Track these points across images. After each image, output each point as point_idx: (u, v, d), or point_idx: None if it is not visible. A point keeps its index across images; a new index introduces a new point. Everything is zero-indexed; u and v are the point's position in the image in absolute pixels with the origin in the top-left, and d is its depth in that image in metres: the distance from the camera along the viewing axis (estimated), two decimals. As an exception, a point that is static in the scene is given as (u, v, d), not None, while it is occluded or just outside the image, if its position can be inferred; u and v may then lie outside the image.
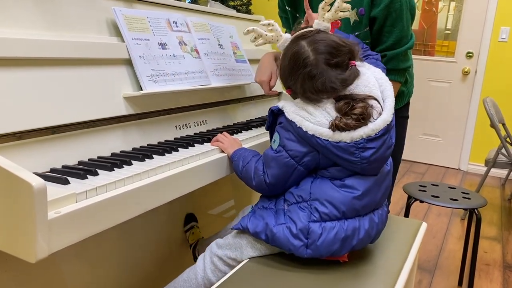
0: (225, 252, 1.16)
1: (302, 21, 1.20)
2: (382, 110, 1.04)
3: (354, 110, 0.99)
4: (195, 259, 1.53)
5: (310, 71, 1.01)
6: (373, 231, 1.07)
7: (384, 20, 1.36)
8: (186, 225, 1.63)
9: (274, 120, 1.09)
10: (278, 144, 1.04)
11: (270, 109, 1.09)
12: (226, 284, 1.03)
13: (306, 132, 1.00)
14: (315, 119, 0.99)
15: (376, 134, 0.99)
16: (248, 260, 1.13)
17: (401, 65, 1.42)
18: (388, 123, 1.02)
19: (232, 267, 1.14)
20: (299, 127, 1.00)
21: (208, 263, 1.19)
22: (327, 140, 0.98)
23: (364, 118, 0.99)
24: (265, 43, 1.16)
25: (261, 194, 1.18)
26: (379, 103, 1.04)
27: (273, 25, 1.13)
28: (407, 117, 1.64)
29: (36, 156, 0.96)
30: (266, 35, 1.15)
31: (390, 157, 1.12)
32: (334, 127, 0.98)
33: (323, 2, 1.12)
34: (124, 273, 1.39)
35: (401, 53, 1.40)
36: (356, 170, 1.02)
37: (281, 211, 1.07)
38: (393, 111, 1.05)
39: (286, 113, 1.03)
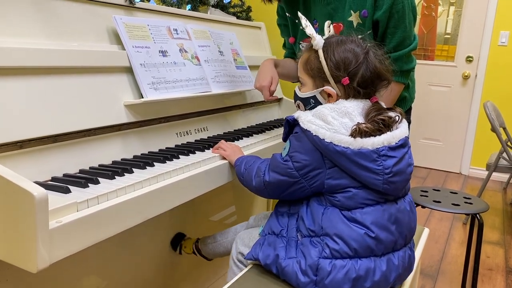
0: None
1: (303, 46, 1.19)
2: (399, 123, 1.04)
3: (379, 116, 0.99)
4: (207, 258, 1.56)
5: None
6: (391, 275, 0.99)
7: (387, 22, 1.37)
8: (176, 248, 1.59)
9: (290, 130, 1.08)
10: (286, 153, 1.03)
11: (285, 119, 1.08)
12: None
13: (323, 139, 0.96)
14: (333, 127, 0.97)
15: (396, 143, 0.98)
16: (252, 265, 1.13)
17: (405, 67, 1.43)
18: (406, 135, 1.02)
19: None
20: (315, 135, 0.97)
21: (234, 253, 1.25)
22: (347, 147, 0.95)
23: (384, 125, 0.99)
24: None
25: (268, 216, 1.17)
26: (398, 116, 1.04)
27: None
28: (409, 122, 1.64)
29: (37, 165, 0.96)
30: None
31: (411, 196, 1.09)
32: (357, 132, 0.95)
33: (327, 22, 1.13)
34: (126, 279, 1.38)
35: (405, 54, 1.40)
36: (377, 188, 0.97)
37: (294, 242, 1.04)
38: (407, 128, 1.05)
39: (301, 123, 1.01)
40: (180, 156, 1.19)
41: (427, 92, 4.27)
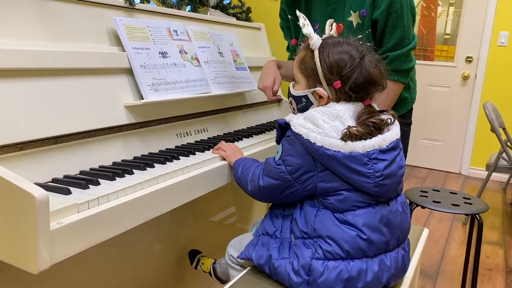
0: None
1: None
2: (391, 125, 1.04)
3: (370, 119, 0.99)
4: (221, 281, 1.50)
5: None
6: (384, 275, 0.99)
7: (385, 21, 1.37)
8: (192, 262, 1.60)
9: (283, 133, 1.08)
10: (279, 157, 1.03)
11: (277, 122, 1.08)
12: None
13: (314, 143, 0.96)
14: (324, 131, 0.97)
15: (387, 145, 0.98)
16: (250, 268, 1.13)
17: (403, 66, 1.43)
18: (398, 137, 1.02)
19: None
20: (306, 139, 0.97)
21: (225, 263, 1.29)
22: (338, 151, 0.95)
23: (375, 128, 0.98)
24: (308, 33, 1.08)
25: (263, 217, 1.17)
26: (391, 119, 1.04)
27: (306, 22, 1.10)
28: (410, 123, 1.65)
29: (37, 166, 0.97)
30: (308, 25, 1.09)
31: (404, 196, 1.09)
32: (347, 135, 0.95)
33: (330, 20, 1.13)
34: (126, 280, 1.38)
35: (403, 54, 1.41)
36: (368, 191, 0.97)
37: (287, 242, 1.05)
38: (399, 130, 1.04)
39: (292, 126, 1.01)
40: (180, 157, 1.20)
41: (426, 93, 4.28)
